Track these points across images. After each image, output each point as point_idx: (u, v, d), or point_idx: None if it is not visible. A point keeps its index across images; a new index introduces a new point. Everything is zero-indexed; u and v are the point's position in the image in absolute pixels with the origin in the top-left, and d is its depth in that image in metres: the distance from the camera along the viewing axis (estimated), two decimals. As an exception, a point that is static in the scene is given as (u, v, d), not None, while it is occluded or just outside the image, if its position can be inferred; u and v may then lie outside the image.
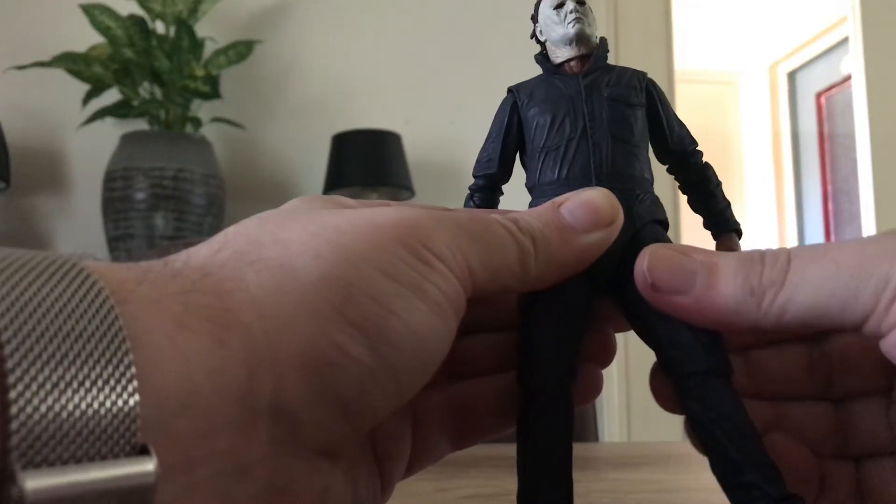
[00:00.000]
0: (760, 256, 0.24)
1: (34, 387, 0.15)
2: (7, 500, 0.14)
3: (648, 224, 0.27)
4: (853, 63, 2.28)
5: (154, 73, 1.57)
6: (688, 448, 0.27)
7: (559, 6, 0.28)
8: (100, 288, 0.17)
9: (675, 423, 0.28)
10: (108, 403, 0.16)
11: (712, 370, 0.25)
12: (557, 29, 0.28)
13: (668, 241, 0.27)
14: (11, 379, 0.14)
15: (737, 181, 3.74)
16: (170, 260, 0.20)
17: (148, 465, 0.16)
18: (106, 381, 0.16)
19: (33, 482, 0.14)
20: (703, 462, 0.26)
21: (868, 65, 2.18)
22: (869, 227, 2.17)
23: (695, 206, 0.30)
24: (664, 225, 0.28)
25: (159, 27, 1.60)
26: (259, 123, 1.79)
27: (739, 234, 0.30)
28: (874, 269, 0.21)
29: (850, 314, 0.22)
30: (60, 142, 1.75)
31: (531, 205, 0.28)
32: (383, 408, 0.22)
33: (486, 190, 0.30)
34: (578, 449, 0.26)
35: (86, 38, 1.58)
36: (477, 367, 0.29)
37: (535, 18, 0.30)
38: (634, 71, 0.29)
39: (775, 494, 0.23)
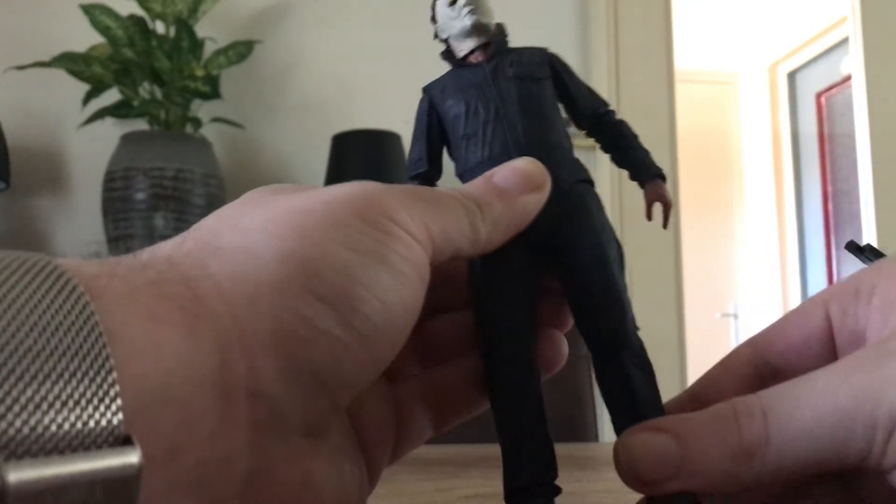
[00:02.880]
0: (732, 413, 0.23)
1: (12, 379, 0.15)
2: None
3: (575, 185, 0.28)
4: (853, 63, 2.28)
5: (154, 73, 1.57)
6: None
7: (453, 3, 0.30)
8: (74, 285, 0.17)
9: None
10: (88, 394, 0.16)
11: (632, 345, 0.27)
12: (455, 24, 0.30)
13: (593, 196, 0.29)
14: None
15: (737, 181, 3.74)
16: (137, 253, 0.21)
17: (132, 456, 0.16)
18: (85, 373, 0.16)
19: (16, 474, 0.14)
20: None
21: (868, 65, 2.18)
22: (869, 227, 2.17)
23: (619, 161, 0.31)
24: (590, 184, 0.29)
25: (159, 27, 1.60)
26: (259, 123, 1.79)
27: (663, 178, 0.31)
28: (856, 415, 0.21)
29: (846, 460, 0.21)
30: (60, 142, 1.75)
31: None
32: (359, 379, 0.22)
33: None
34: (578, 449, 0.26)
35: (86, 38, 1.58)
36: (451, 347, 0.30)
37: (433, 19, 0.31)
38: (536, 48, 0.30)
39: None
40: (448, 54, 0.31)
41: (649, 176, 0.30)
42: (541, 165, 0.27)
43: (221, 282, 0.20)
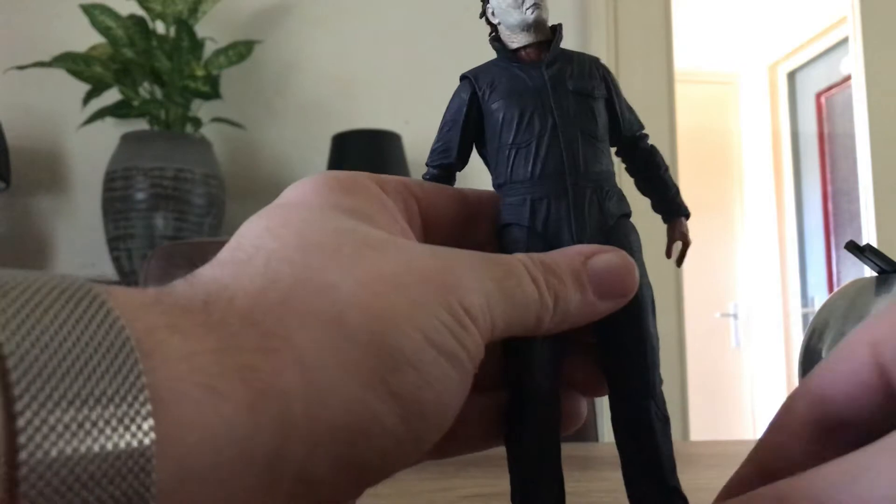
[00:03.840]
0: None
1: (47, 461, 0.14)
2: None
3: (618, 220, 0.28)
4: (853, 63, 2.28)
5: (154, 73, 1.57)
6: (686, 448, 0.28)
7: None
8: (125, 338, 0.16)
9: (675, 423, 0.28)
10: (123, 471, 0.15)
11: (657, 399, 0.27)
12: (514, 14, 0.28)
13: (636, 236, 0.28)
14: (23, 455, 0.14)
15: (737, 181, 3.74)
16: (211, 300, 0.19)
17: None
18: (123, 450, 0.15)
19: None
20: (702, 462, 0.26)
21: (868, 65, 2.18)
22: (869, 227, 2.17)
23: (643, 189, 0.31)
24: (629, 217, 0.29)
25: (159, 27, 1.60)
26: (259, 123, 1.79)
27: (687, 216, 0.30)
28: None
29: None
30: (60, 142, 1.75)
31: (504, 201, 0.28)
32: (397, 469, 0.22)
33: (442, 179, 0.30)
34: (578, 449, 0.27)
35: (86, 38, 1.58)
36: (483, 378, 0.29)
37: None
38: (590, 58, 0.29)
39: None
40: (498, 42, 0.29)
41: (675, 215, 0.30)
42: (635, 270, 0.26)
43: (303, 357, 0.19)
